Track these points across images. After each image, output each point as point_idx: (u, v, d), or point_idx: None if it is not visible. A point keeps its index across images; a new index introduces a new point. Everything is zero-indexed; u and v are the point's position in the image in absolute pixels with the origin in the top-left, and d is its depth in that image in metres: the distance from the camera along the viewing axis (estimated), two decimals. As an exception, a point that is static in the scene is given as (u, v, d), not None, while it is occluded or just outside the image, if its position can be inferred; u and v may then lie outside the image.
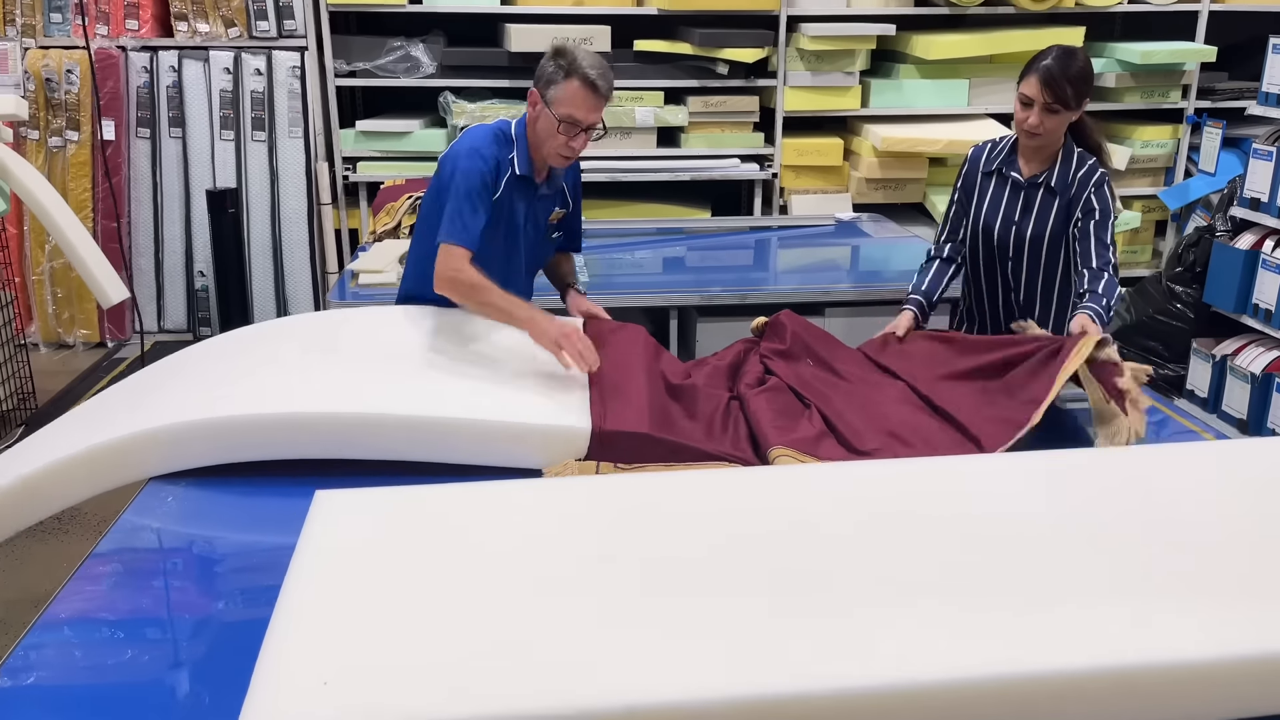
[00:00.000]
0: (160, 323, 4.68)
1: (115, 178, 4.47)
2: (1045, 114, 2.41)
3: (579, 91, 2.26)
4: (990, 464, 1.91)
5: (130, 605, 1.63)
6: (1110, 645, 1.29)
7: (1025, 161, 2.56)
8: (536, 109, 2.31)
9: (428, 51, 4.44)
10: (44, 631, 1.52)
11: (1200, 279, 3.99)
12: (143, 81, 4.44)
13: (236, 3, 4.38)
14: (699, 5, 4.40)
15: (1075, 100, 2.41)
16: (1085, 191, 2.47)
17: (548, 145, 2.33)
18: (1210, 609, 1.37)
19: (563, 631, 1.32)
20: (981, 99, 4.72)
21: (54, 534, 3.15)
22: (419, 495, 1.68)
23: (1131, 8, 4.67)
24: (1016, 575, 1.46)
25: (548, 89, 2.28)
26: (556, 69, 2.27)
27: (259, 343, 2.39)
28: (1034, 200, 2.54)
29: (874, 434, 2.10)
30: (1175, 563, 1.49)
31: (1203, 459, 1.93)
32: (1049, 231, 2.52)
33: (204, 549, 1.86)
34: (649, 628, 1.33)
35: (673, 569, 1.46)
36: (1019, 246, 2.57)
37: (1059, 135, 2.49)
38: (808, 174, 4.75)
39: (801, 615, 1.35)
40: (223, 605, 1.67)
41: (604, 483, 1.81)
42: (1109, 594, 1.40)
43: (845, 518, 1.61)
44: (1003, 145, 2.61)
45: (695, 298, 3.31)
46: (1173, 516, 1.62)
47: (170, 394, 2.09)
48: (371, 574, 1.45)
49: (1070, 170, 2.50)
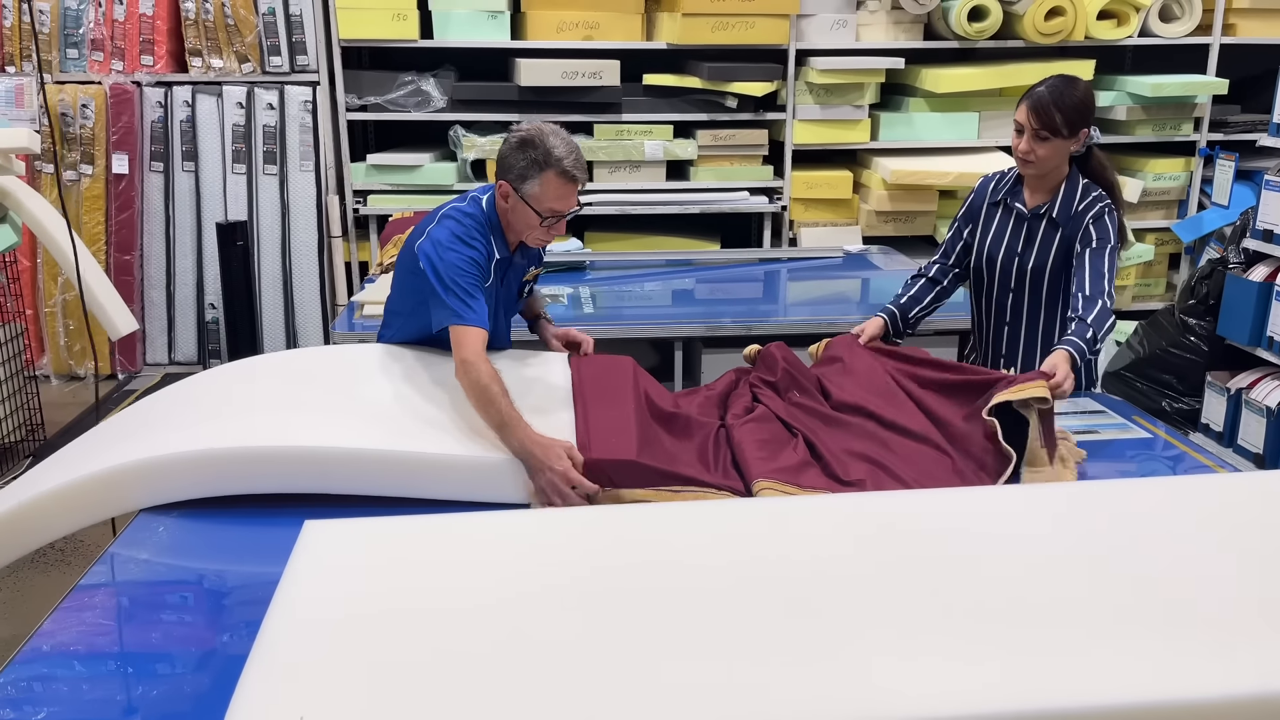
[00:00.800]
0: (171, 355, 4.70)
1: (128, 211, 4.51)
2: (1035, 140, 2.40)
3: (557, 185, 2.15)
4: (988, 496, 1.87)
5: (118, 637, 1.61)
6: (1117, 682, 1.25)
7: (1029, 192, 2.54)
8: (509, 201, 2.20)
9: (438, 86, 4.47)
10: (25, 665, 1.50)
11: (1214, 311, 3.94)
12: (157, 116, 4.49)
13: (250, 38, 4.44)
14: (708, 40, 4.42)
15: (1066, 128, 2.38)
16: (1084, 222, 2.44)
17: (527, 235, 2.25)
18: (1221, 646, 1.33)
19: (552, 667, 1.29)
20: (991, 132, 4.71)
21: (55, 565, 3.15)
22: (408, 526, 1.66)
23: (1142, 41, 4.67)
24: (1017, 610, 1.41)
25: (522, 183, 2.16)
26: (530, 163, 2.14)
27: (250, 378, 2.38)
28: (1036, 231, 2.52)
29: (859, 464, 2.08)
30: (1179, 598, 1.44)
31: (1213, 492, 1.88)
32: (1050, 264, 2.50)
33: (194, 580, 1.84)
34: (640, 663, 1.29)
35: (665, 602, 1.43)
36: (1020, 278, 2.55)
37: (1055, 164, 2.46)
38: (817, 207, 4.74)
39: (796, 651, 1.31)
40: (211, 637, 1.65)
41: (595, 515, 1.79)
42: (1116, 629, 1.36)
43: (838, 552, 1.57)
44: (1009, 176, 2.60)
45: (700, 328, 3.30)
46: (1180, 551, 1.58)
47: (160, 427, 2.09)
48: (357, 606, 1.43)
49: (1073, 203, 2.47)
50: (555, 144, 2.14)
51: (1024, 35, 4.55)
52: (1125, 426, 2.52)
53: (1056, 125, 2.38)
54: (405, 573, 1.52)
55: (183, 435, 1.99)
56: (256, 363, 2.60)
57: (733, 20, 4.43)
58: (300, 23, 4.44)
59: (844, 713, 1.21)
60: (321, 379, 2.31)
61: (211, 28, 4.43)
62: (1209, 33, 4.68)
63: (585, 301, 3.60)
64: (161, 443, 1.96)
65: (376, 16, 4.37)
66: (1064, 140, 2.40)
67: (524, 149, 2.16)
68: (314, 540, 1.59)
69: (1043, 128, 2.38)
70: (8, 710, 1.41)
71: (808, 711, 1.21)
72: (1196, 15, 4.63)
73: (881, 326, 2.56)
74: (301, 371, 2.41)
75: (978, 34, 4.50)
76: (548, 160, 2.13)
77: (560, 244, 4.33)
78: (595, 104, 4.51)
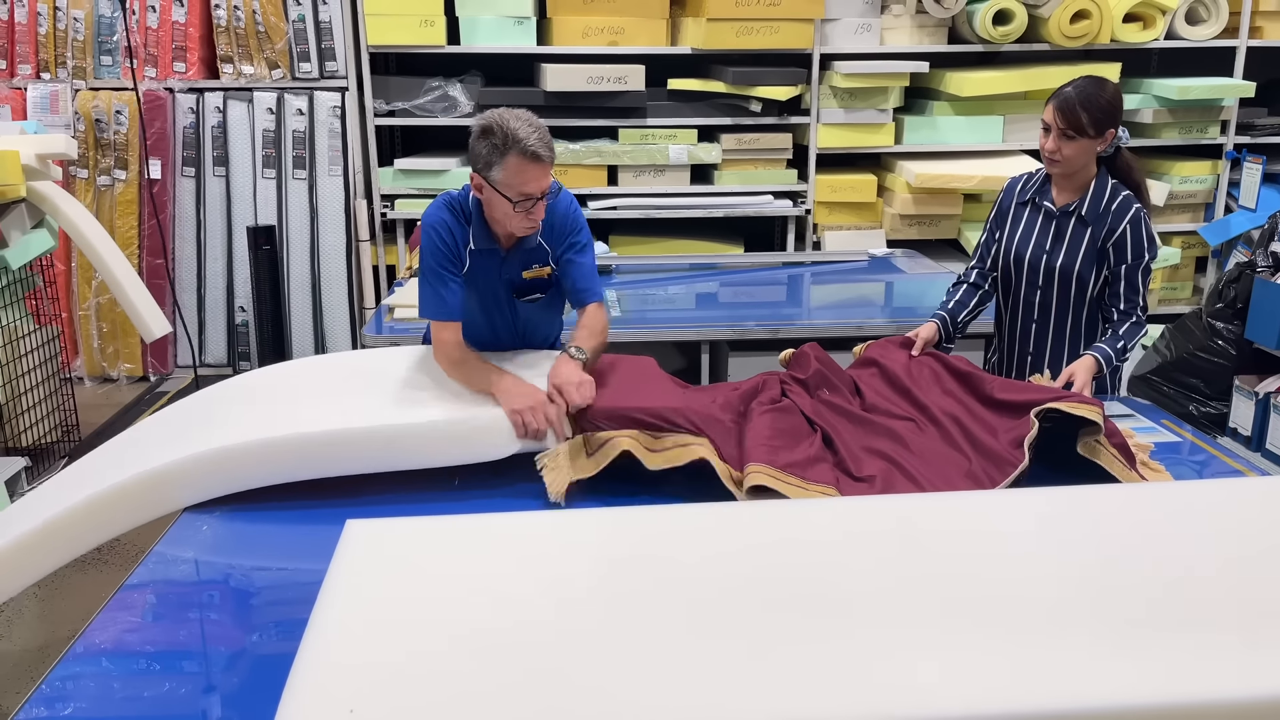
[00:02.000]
0: (201, 357, 4.76)
1: (161, 215, 4.57)
2: (1061, 139, 2.42)
3: (522, 165, 2.13)
4: (1009, 499, 1.88)
5: (164, 636, 1.65)
6: (1126, 684, 1.27)
7: (1058, 191, 2.56)
8: (484, 193, 2.21)
9: (465, 91, 4.52)
10: (75, 663, 1.54)
11: (1242, 315, 3.92)
12: (189, 122, 4.56)
13: (280, 45, 4.50)
14: (732, 44, 4.45)
15: (1093, 128, 2.40)
16: (1121, 227, 2.46)
17: (508, 223, 2.24)
18: (1245, 647, 1.34)
19: (591, 661, 1.31)
20: (1016, 135, 4.71)
21: (94, 565, 3.19)
22: (449, 525, 1.69)
23: (1168, 44, 4.66)
24: (1034, 610, 1.43)
25: (488, 171, 2.16)
26: (491, 149, 2.13)
27: (282, 380, 2.43)
28: (1065, 229, 2.53)
29: (874, 461, 2.11)
30: (1199, 599, 1.45)
31: (1242, 494, 1.88)
32: (1079, 261, 2.52)
33: (238, 579, 1.88)
34: (680, 657, 1.32)
35: (704, 598, 1.45)
36: (1049, 276, 2.56)
37: (1082, 164, 2.48)
38: (841, 210, 4.75)
39: (813, 649, 1.34)
40: (257, 636, 1.68)
41: (631, 515, 1.81)
42: (1138, 630, 1.37)
43: (849, 553, 1.59)
44: (1038, 176, 2.62)
45: (727, 332, 3.32)
46: (1205, 552, 1.59)
47: (199, 429, 2.13)
48: (400, 603, 1.46)
49: (1103, 201, 2.49)
50: (516, 126, 2.14)
51: (1049, 38, 4.55)
52: (1153, 430, 2.52)
53: (1082, 125, 2.39)
54: (445, 569, 1.55)
55: (225, 432, 2.03)
56: (288, 367, 2.63)
57: (757, 25, 4.45)
58: (329, 29, 4.49)
59: (851, 711, 1.23)
60: (351, 379, 2.36)
61: (243, 35, 4.49)
62: (1235, 35, 4.67)
63: (611, 305, 3.62)
64: (205, 439, 2.00)
65: (404, 23, 4.42)
66: (1090, 140, 2.42)
67: (486, 136, 2.15)
68: (356, 539, 1.62)
69: (1069, 127, 2.40)
70: (57, 707, 1.44)
71: (818, 707, 1.23)
72: (1223, 18, 4.61)
73: (935, 331, 2.57)
74: (333, 373, 2.45)
75: (1002, 37, 4.50)
76: (508, 143, 2.12)
77: (586, 248, 4.35)
78: (620, 109, 4.54)
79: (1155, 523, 1.69)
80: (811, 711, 1.24)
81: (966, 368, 2.42)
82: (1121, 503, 1.80)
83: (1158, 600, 1.45)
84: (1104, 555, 1.58)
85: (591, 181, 4.62)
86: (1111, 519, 1.71)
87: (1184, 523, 1.69)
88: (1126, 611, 1.42)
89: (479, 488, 2.07)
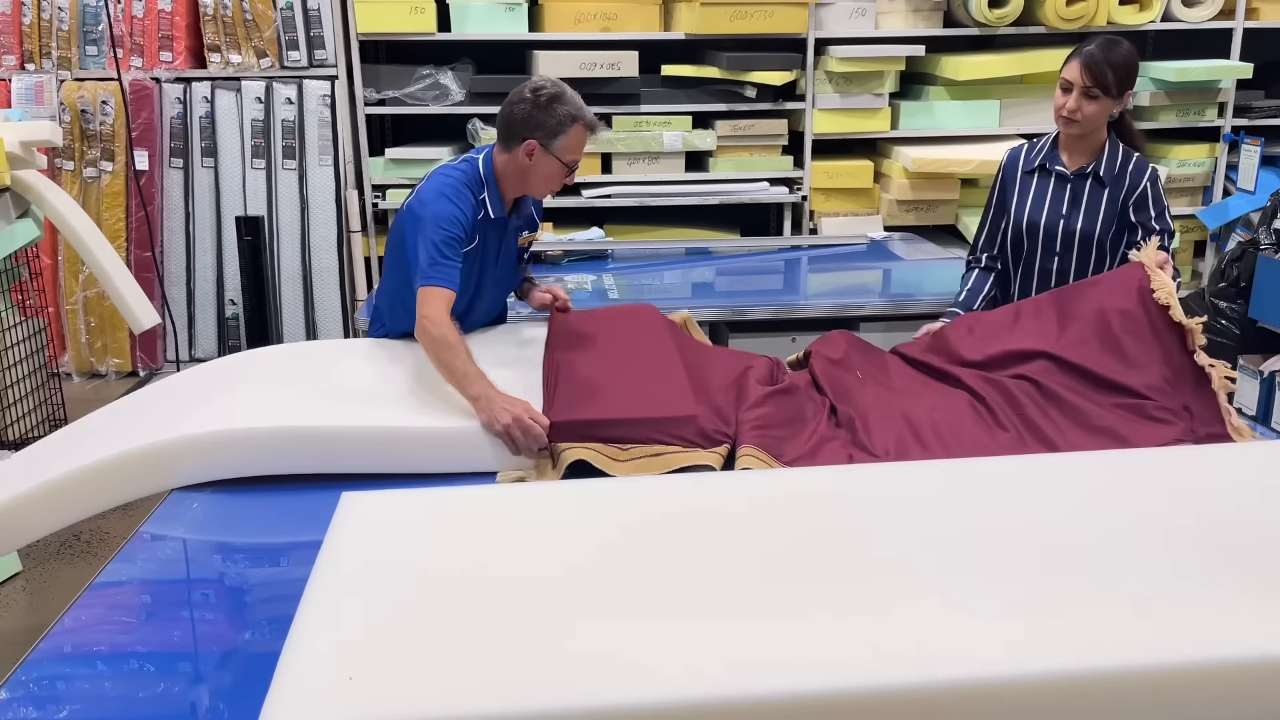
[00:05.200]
0: (191, 351, 4.69)
1: (149, 207, 4.51)
2: (1083, 99, 2.39)
3: (582, 135, 2.31)
4: (1013, 465, 1.84)
5: (157, 612, 1.59)
6: (1143, 645, 1.22)
7: (1069, 154, 2.53)
8: (534, 157, 2.29)
9: (456, 79, 4.46)
10: (61, 641, 1.48)
11: (1245, 294, 3.89)
12: (176, 112, 4.49)
13: (268, 34, 4.44)
14: (726, 29, 4.40)
15: (1116, 87, 2.38)
16: (1142, 184, 2.44)
17: (541, 187, 2.36)
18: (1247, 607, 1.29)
19: (585, 629, 1.27)
20: (1013, 119, 4.67)
21: (82, 556, 3.14)
22: (444, 497, 1.65)
23: (1165, 26, 4.62)
24: (1036, 575, 1.39)
25: (553, 139, 2.27)
26: (560, 120, 2.26)
27: (275, 363, 2.37)
28: (1082, 191, 2.50)
29: (889, 434, 2.05)
30: (1199, 562, 1.41)
31: (1244, 460, 1.84)
32: (1100, 222, 2.48)
33: (231, 557, 1.82)
34: (674, 625, 1.27)
35: (705, 565, 1.40)
36: (1068, 240, 2.52)
37: (1098, 126, 2.45)
38: (838, 196, 4.71)
39: (828, 613, 1.29)
40: (251, 626, 1.62)
41: (627, 485, 1.77)
42: (1141, 591, 1.33)
43: (851, 518, 1.55)
44: (1042, 144, 2.58)
45: (727, 312, 3.27)
46: (1206, 516, 1.54)
47: (197, 403, 2.07)
48: (397, 573, 1.41)
49: (1118, 161, 2.46)
50: (576, 97, 2.31)
51: (1045, 21, 4.51)
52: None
53: (1108, 84, 2.37)
54: (440, 540, 1.51)
55: (222, 413, 1.97)
56: (280, 350, 2.57)
57: (751, 9, 4.41)
58: (318, 17, 4.43)
59: (862, 672, 1.19)
60: (342, 366, 2.30)
61: (230, 23, 4.43)
62: (1232, 17, 4.64)
63: (610, 289, 3.58)
64: (203, 419, 1.94)
65: (394, 9, 4.36)
66: (1111, 100, 2.40)
67: (555, 104, 2.27)
68: (352, 511, 1.57)
69: (1095, 84, 2.37)
70: (40, 688, 1.39)
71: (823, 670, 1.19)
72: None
73: None
74: (324, 359, 2.40)
75: (998, 20, 4.47)
76: (578, 114, 2.28)
77: (581, 233, 4.31)
78: (614, 95, 4.49)
79: (1152, 485, 1.65)
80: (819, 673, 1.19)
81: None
82: (1120, 467, 1.76)
83: (1158, 561, 1.41)
84: (1109, 518, 1.53)
85: (586, 169, 4.55)
86: (1116, 483, 1.67)
87: (1186, 485, 1.65)
88: (1133, 574, 1.38)
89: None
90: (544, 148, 2.28)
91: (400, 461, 1.95)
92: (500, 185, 2.35)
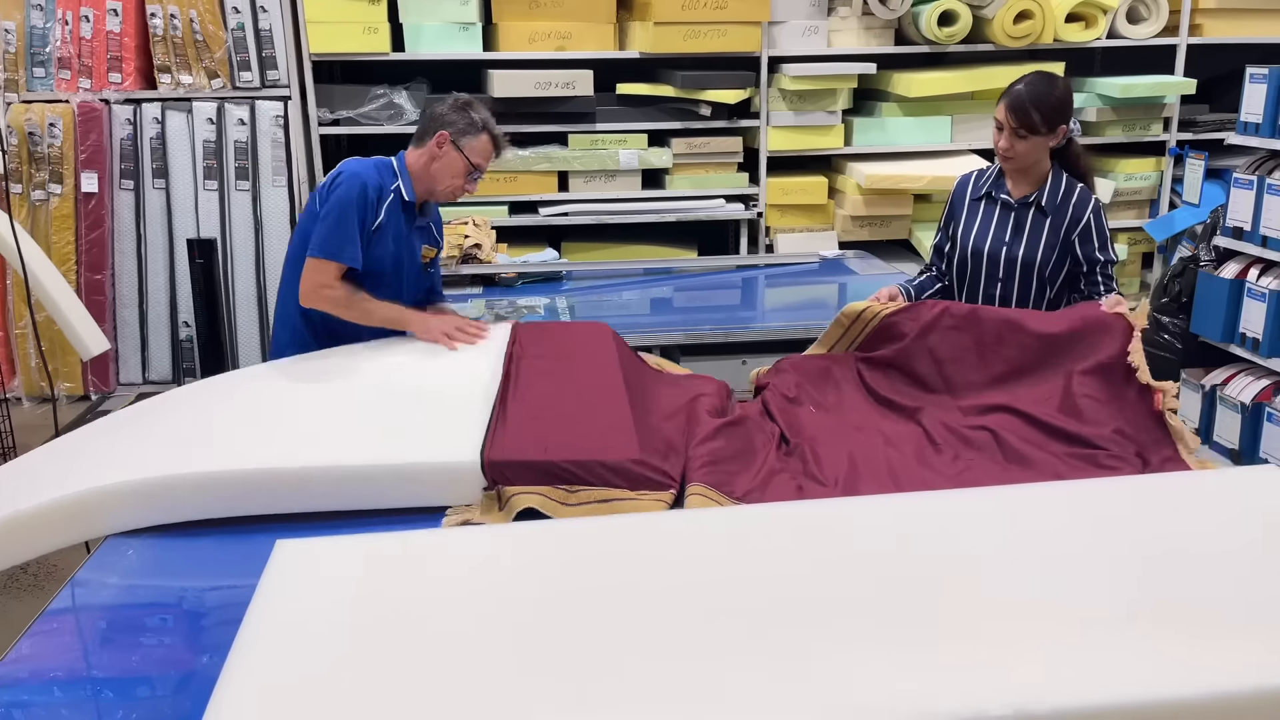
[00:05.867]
0: (145, 374, 4.64)
1: (99, 230, 4.46)
2: (1013, 138, 2.45)
3: (488, 147, 2.59)
4: (952, 498, 1.86)
5: (88, 660, 1.58)
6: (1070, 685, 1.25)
7: (1013, 183, 2.59)
8: (443, 149, 2.55)
9: (411, 99, 4.46)
10: None
11: (1187, 309, 3.97)
12: (126, 134, 4.45)
13: (219, 54, 4.41)
14: (680, 48, 4.43)
15: (1044, 125, 2.43)
16: (1085, 218, 2.49)
17: (444, 184, 2.59)
18: (1195, 643, 1.33)
19: (519, 681, 1.27)
20: (964, 135, 4.73)
21: (29, 590, 3.10)
22: (379, 544, 1.64)
23: (1110, 43, 4.71)
24: (978, 609, 1.41)
25: (462, 137, 2.55)
26: (471, 123, 2.55)
27: (214, 398, 2.35)
28: (1025, 220, 2.56)
29: (841, 463, 2.07)
30: (1144, 594, 1.44)
31: (1187, 488, 1.88)
32: (1040, 251, 2.54)
33: (168, 601, 1.81)
34: (615, 675, 1.28)
35: (640, 609, 1.41)
36: (1009, 267, 2.58)
37: (1035, 159, 2.51)
38: (793, 213, 4.75)
39: (768, 657, 1.30)
40: (188, 657, 1.61)
41: (563, 527, 1.77)
42: (1082, 626, 1.36)
43: (792, 556, 1.57)
44: (990, 172, 2.65)
45: (680, 336, 3.29)
46: (1151, 547, 1.58)
47: (136, 446, 2.05)
48: (329, 624, 1.40)
49: (1060, 193, 2.52)
50: (489, 116, 2.59)
51: (994, 39, 4.58)
52: (1102, 425, 2.52)
53: (1034, 124, 2.42)
54: (374, 590, 1.50)
55: (155, 458, 1.95)
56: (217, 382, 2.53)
57: (704, 28, 4.44)
58: (270, 37, 4.41)
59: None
60: (277, 396, 2.28)
61: (180, 44, 4.40)
62: (1176, 33, 4.73)
63: (563, 312, 3.59)
64: (135, 464, 1.92)
65: (347, 30, 4.35)
66: (1042, 137, 2.45)
67: (467, 110, 2.57)
68: (285, 559, 1.57)
69: (1021, 126, 2.43)
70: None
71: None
72: (1163, 16, 4.67)
73: (899, 292, 2.62)
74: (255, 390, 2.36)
75: (948, 38, 4.53)
76: (486, 125, 2.57)
77: (537, 254, 4.32)
78: (569, 114, 4.50)
79: (1107, 518, 1.68)
80: None
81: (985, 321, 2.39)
82: (1070, 498, 1.79)
83: (1116, 594, 1.44)
84: (1058, 551, 1.56)
85: (542, 188, 4.57)
86: (1061, 513, 1.70)
87: (1136, 516, 1.68)
88: (1088, 606, 1.41)
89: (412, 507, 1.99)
90: (454, 142, 2.54)
91: (340, 501, 1.94)
92: (413, 176, 2.58)
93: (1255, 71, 3.77)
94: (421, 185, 2.60)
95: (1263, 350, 3.65)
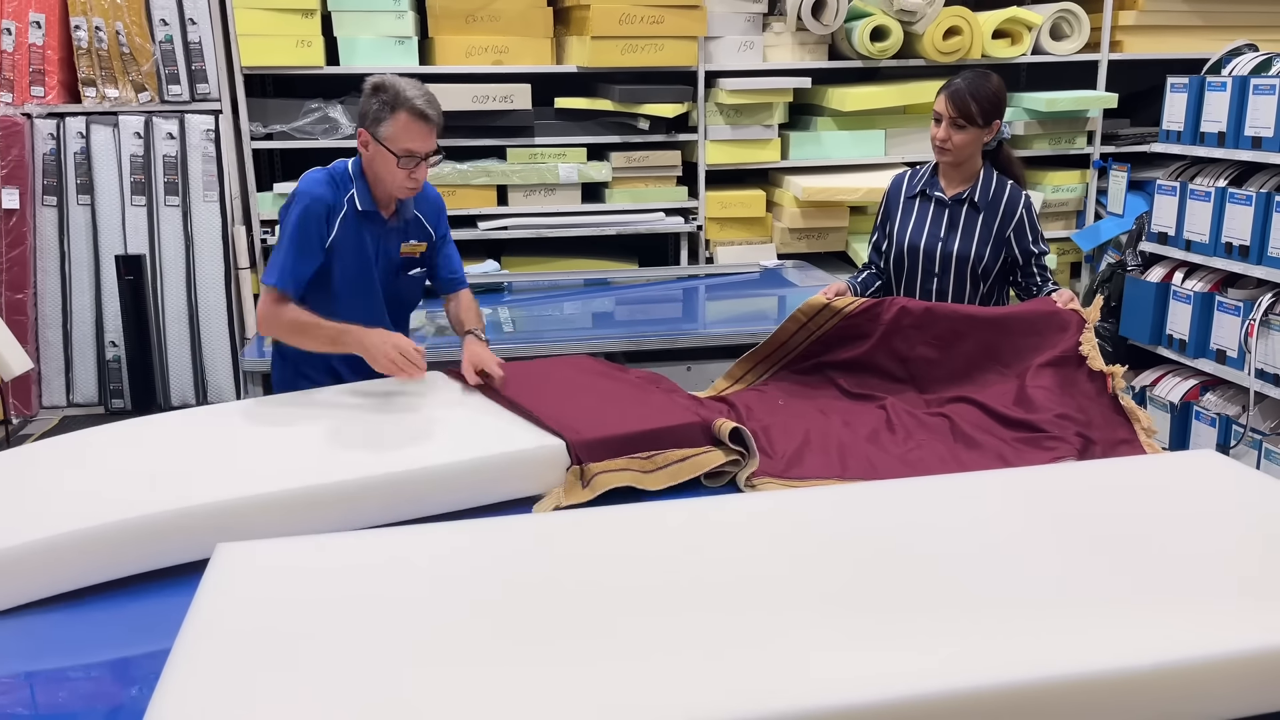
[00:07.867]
0: (69, 396, 4.48)
1: (20, 248, 4.31)
2: (952, 129, 2.52)
3: (410, 123, 2.26)
4: (904, 485, 1.88)
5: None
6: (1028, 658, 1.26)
7: (947, 181, 2.66)
8: (370, 149, 2.31)
9: (346, 112, 4.40)
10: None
11: (1116, 313, 4.07)
12: (49, 149, 4.31)
13: (147, 67, 4.31)
14: (617, 63, 4.44)
15: (982, 118, 2.52)
16: (1018, 214, 2.58)
17: (390, 181, 2.33)
18: (1139, 617, 1.34)
19: (463, 683, 1.24)
20: (898, 148, 4.82)
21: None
22: (321, 545, 1.59)
23: (1035, 59, 4.84)
24: (931, 591, 1.41)
25: (377, 127, 2.28)
26: (381, 105, 2.27)
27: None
28: (959, 216, 2.63)
29: (791, 443, 2.15)
30: (1093, 573, 1.46)
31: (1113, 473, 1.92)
32: (975, 245, 2.62)
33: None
34: (556, 676, 1.25)
35: (581, 604, 1.39)
36: (945, 262, 2.65)
37: (970, 154, 2.58)
38: (732, 226, 4.78)
39: (736, 642, 1.29)
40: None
41: (506, 524, 1.75)
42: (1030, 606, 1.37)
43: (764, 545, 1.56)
44: (923, 171, 2.71)
45: (622, 343, 3.28)
46: (1084, 530, 1.60)
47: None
48: (270, 628, 1.35)
49: (991, 188, 2.60)
50: (405, 86, 2.27)
51: (924, 54, 4.68)
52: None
53: (972, 114, 2.50)
54: (318, 592, 1.45)
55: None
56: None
57: (641, 43, 4.46)
58: (200, 50, 4.32)
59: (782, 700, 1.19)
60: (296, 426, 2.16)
61: (105, 57, 4.29)
62: (1097, 50, 4.89)
63: (505, 323, 3.55)
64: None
65: (279, 43, 4.28)
66: (979, 130, 2.53)
67: (376, 94, 2.28)
68: (225, 562, 1.51)
69: (960, 116, 2.51)
70: None
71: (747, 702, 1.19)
72: (1085, 33, 4.83)
73: (845, 288, 2.66)
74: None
75: (880, 53, 4.62)
76: (398, 101, 2.25)
77: (477, 266, 4.28)
78: (507, 128, 4.49)
79: (1054, 500, 1.71)
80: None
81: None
82: (1011, 484, 1.81)
83: (1066, 573, 1.45)
84: (1008, 534, 1.58)
85: (481, 202, 4.54)
86: (1015, 498, 1.72)
87: (1084, 499, 1.71)
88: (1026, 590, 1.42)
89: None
90: (374, 137, 2.29)
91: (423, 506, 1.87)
92: (368, 179, 2.39)
93: (1176, 82, 3.91)
94: (377, 188, 2.39)
95: (1189, 351, 3.76)
